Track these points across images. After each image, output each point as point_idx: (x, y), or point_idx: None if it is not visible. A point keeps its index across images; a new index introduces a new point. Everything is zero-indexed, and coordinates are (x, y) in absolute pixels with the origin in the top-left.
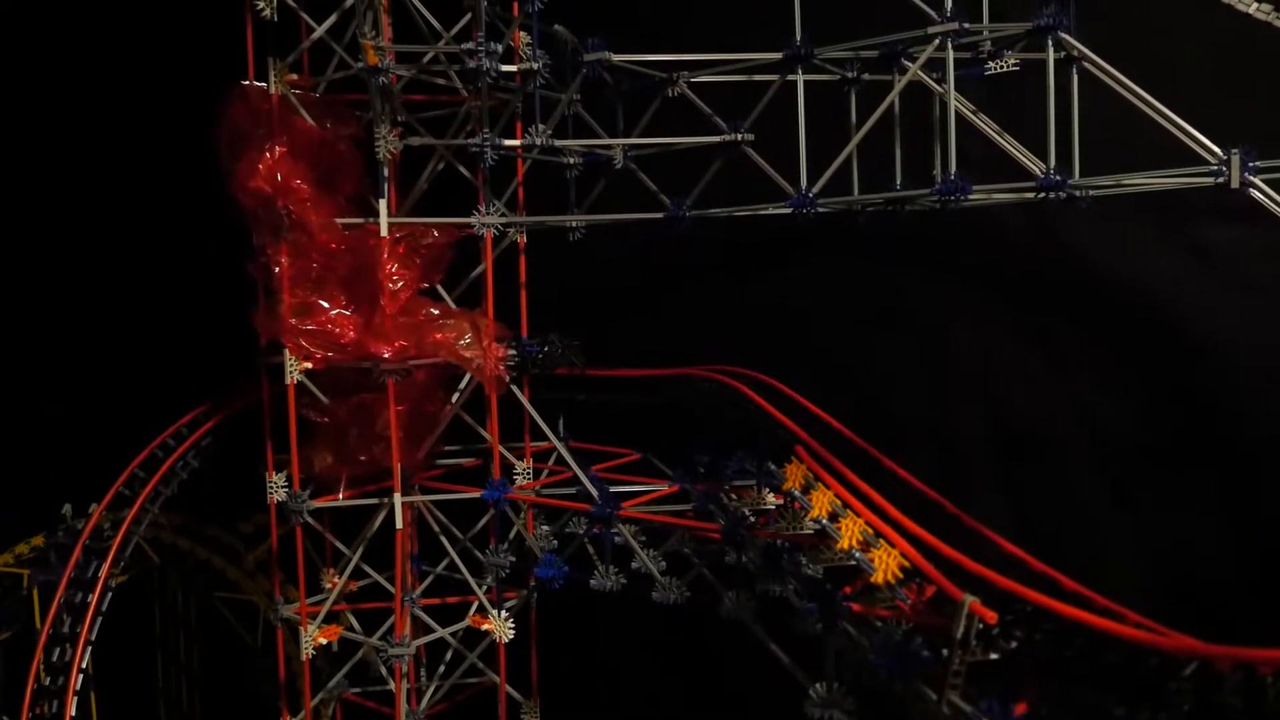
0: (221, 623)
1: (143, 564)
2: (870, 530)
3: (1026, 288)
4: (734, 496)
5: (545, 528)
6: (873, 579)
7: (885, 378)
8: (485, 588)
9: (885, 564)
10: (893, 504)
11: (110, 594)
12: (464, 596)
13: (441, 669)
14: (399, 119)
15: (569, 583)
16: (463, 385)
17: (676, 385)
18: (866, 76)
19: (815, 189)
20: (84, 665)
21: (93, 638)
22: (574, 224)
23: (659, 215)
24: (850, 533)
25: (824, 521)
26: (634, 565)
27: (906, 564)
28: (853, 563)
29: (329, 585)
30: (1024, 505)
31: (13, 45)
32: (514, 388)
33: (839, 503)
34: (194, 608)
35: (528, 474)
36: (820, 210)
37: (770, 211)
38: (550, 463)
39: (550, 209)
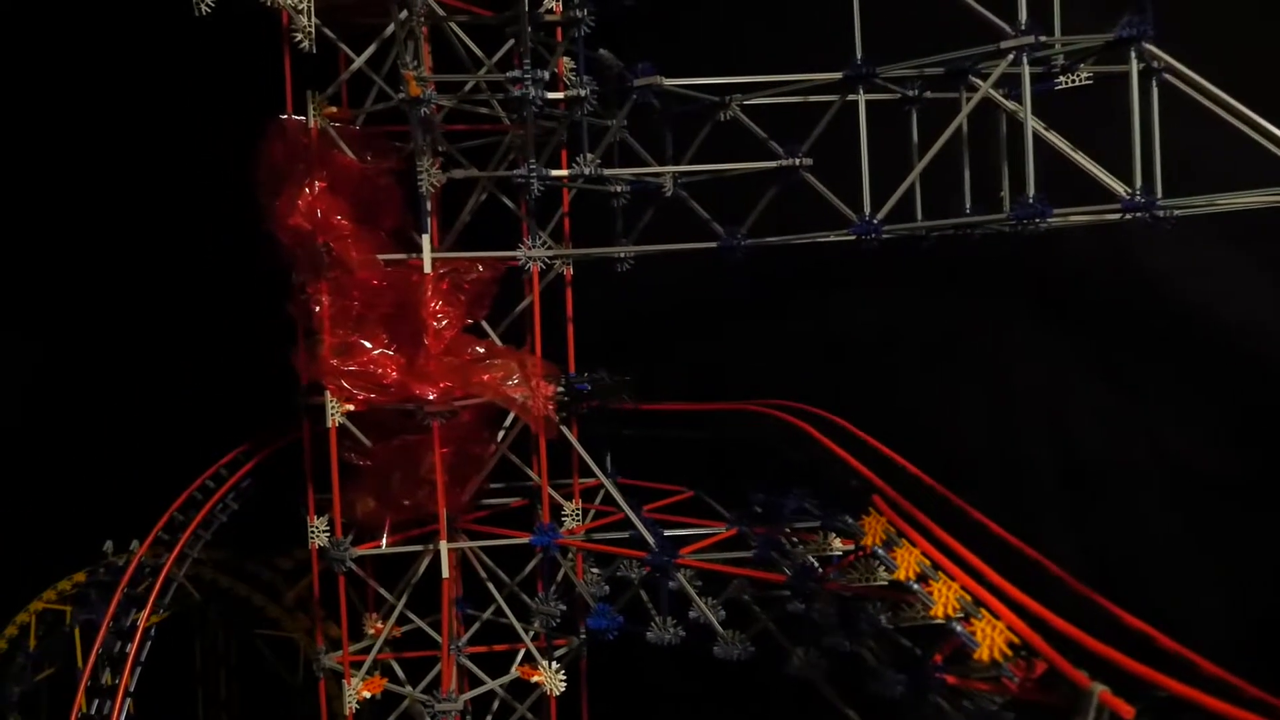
0: (261, 660)
1: (183, 600)
2: (968, 597)
3: (1094, 312)
4: (795, 540)
5: (595, 571)
6: (977, 656)
7: (943, 411)
8: (533, 634)
9: (990, 639)
10: (970, 548)
11: (150, 643)
12: (511, 644)
13: None
14: (440, 150)
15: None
16: (507, 424)
17: (730, 421)
18: (929, 95)
19: (881, 215)
20: (123, 717)
21: (132, 688)
22: (622, 255)
23: (713, 244)
24: (945, 599)
25: (914, 586)
26: (691, 615)
27: (1015, 639)
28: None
29: (371, 631)
30: (1094, 543)
31: (50, 82)
32: (563, 428)
33: (927, 563)
34: (233, 645)
35: (577, 515)
36: (886, 237)
37: (832, 239)
38: (597, 501)
39: (594, 239)
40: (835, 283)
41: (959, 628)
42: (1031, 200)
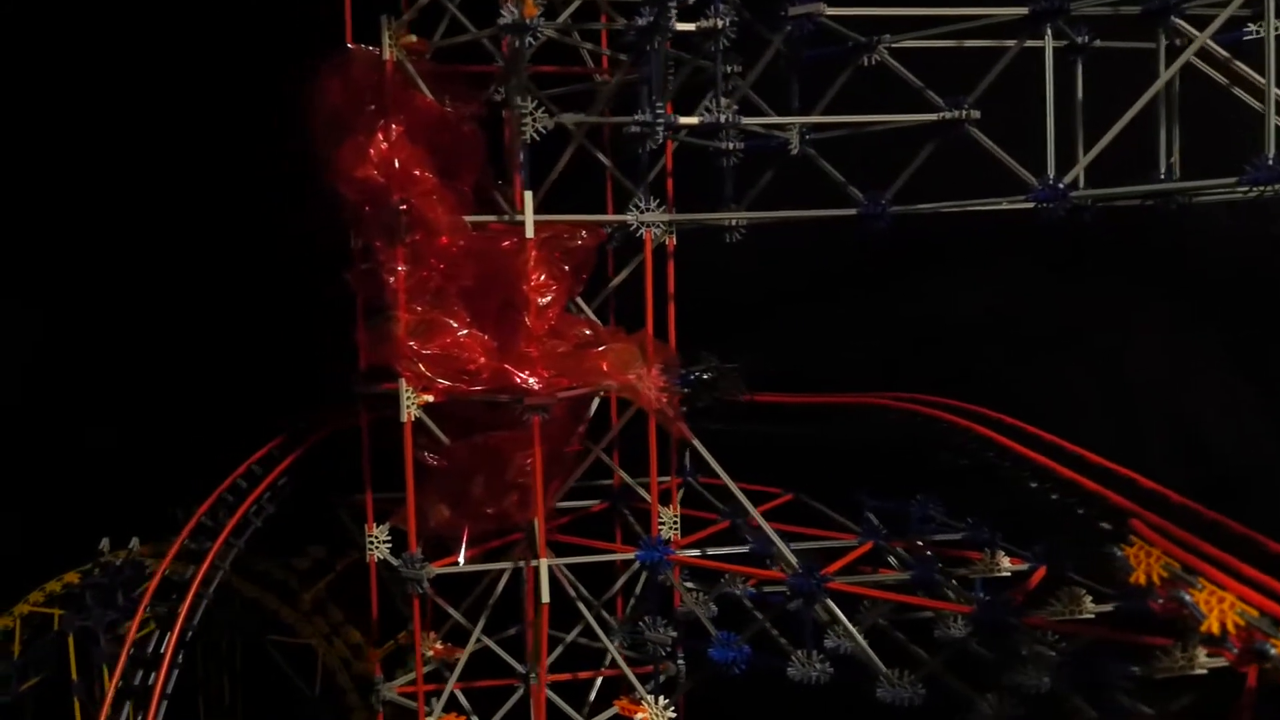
0: (273, 669)
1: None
2: None
3: (1235, 296)
4: (925, 553)
5: (689, 584)
6: None
7: (1062, 402)
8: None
9: None
10: None
11: (177, 672)
12: (595, 671)
13: None
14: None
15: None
16: (589, 415)
17: (845, 415)
18: (1098, 43)
19: (1068, 179)
20: None
21: None
22: (734, 222)
23: (852, 211)
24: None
25: (1227, 642)
26: (829, 644)
27: None
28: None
29: (430, 653)
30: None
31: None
32: (677, 426)
33: (1249, 610)
34: (240, 650)
35: (675, 524)
36: (1074, 204)
37: (1005, 206)
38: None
39: (692, 204)
40: (939, 262)
41: None
42: (1272, 162)
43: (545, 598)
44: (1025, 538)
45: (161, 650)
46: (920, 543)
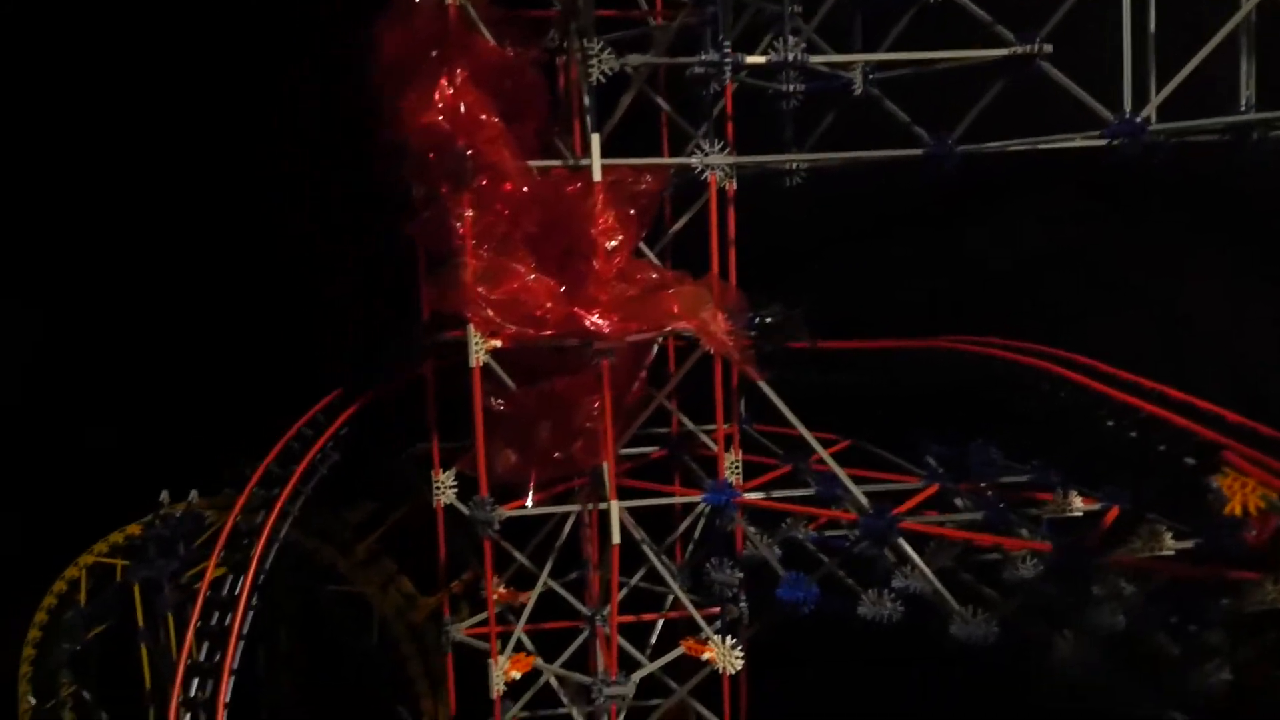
0: (327, 618)
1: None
2: None
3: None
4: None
5: (752, 528)
6: None
7: (1127, 345)
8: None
9: None
10: None
11: (252, 614)
12: (659, 613)
13: None
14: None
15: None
16: (649, 361)
17: (914, 359)
18: None
19: (1146, 112)
20: (228, 699)
21: (236, 665)
22: (794, 166)
23: (917, 152)
24: None
25: None
26: (896, 584)
27: None
28: None
29: (496, 597)
30: None
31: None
32: (749, 368)
33: None
34: (296, 601)
35: (737, 468)
36: (1150, 140)
37: (1079, 144)
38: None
39: (750, 150)
40: (994, 202)
41: None
42: None
43: (616, 538)
44: (1097, 479)
45: (236, 592)
46: (986, 486)
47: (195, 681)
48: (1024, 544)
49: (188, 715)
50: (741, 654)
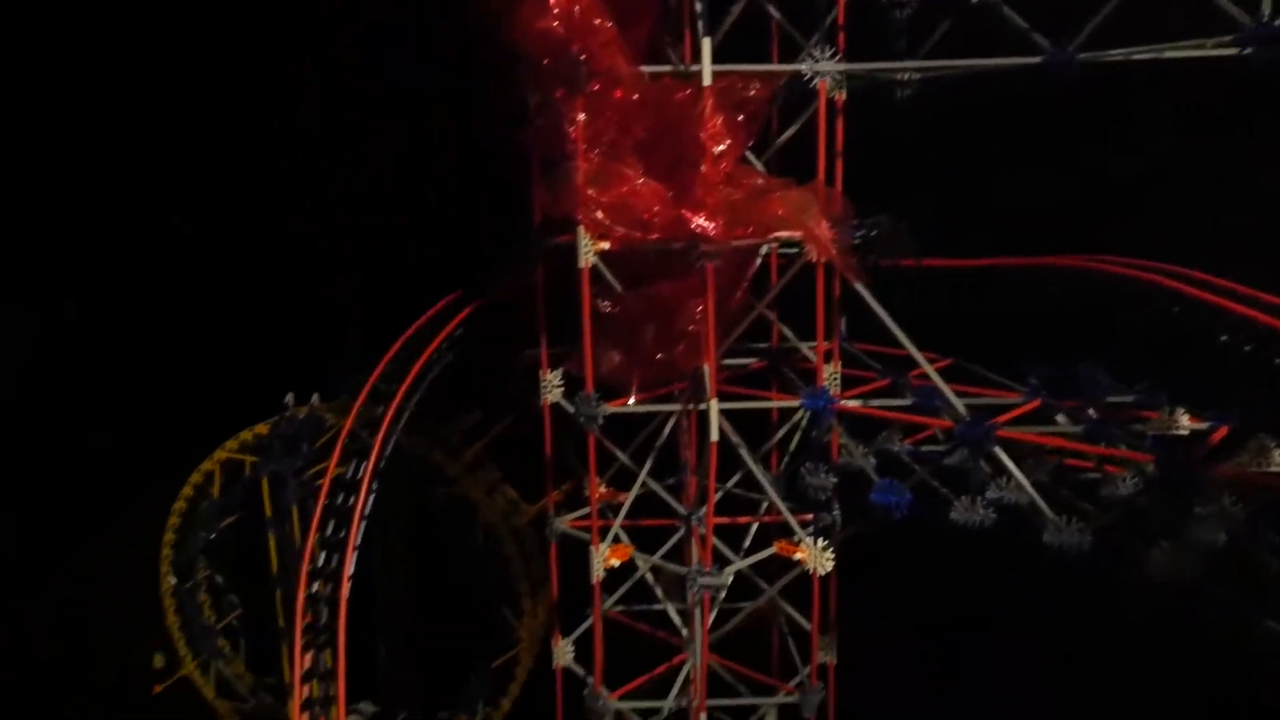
0: (438, 520)
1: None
2: None
3: None
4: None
5: (848, 442)
6: None
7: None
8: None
9: None
10: None
11: (374, 495)
12: (753, 516)
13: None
14: None
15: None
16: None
17: (1026, 278)
18: None
19: None
20: (352, 571)
21: (359, 541)
22: (906, 76)
23: (1035, 60)
24: None
25: None
26: (989, 494)
27: None
28: None
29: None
30: None
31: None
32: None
33: None
34: (406, 502)
35: (836, 380)
36: None
37: (1209, 53)
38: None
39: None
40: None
41: None
42: None
43: (715, 436)
44: (1208, 403)
45: (359, 476)
46: (1089, 403)
47: (323, 555)
48: (1126, 453)
49: (315, 583)
50: (833, 556)
